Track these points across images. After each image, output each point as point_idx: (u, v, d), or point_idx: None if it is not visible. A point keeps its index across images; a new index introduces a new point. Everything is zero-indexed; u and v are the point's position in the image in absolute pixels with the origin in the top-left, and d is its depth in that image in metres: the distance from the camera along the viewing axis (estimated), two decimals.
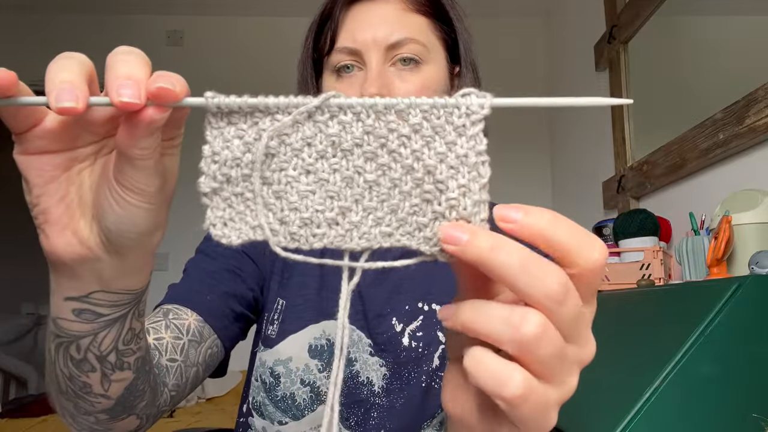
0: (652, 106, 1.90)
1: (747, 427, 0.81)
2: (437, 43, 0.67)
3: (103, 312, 0.36)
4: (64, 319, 0.36)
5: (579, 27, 2.55)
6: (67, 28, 3.15)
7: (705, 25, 1.62)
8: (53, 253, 0.31)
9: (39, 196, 0.30)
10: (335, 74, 0.65)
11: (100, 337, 0.37)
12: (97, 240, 0.31)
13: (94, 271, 0.33)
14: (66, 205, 0.31)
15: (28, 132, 0.29)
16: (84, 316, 0.35)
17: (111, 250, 0.32)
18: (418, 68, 0.63)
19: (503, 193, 2.27)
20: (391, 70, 0.63)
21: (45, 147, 0.30)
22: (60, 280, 0.34)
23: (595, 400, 0.98)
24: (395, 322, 0.67)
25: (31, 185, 0.30)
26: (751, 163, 1.30)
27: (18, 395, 3.11)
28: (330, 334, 0.66)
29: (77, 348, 0.37)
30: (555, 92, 2.93)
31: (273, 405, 0.66)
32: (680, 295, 1.06)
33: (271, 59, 3.01)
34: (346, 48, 0.63)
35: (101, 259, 0.32)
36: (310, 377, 0.65)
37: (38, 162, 0.30)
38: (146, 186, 0.29)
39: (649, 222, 1.50)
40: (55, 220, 0.31)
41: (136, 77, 0.27)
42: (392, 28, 0.63)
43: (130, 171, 0.28)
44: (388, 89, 0.61)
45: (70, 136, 0.30)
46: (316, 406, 0.65)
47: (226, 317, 0.64)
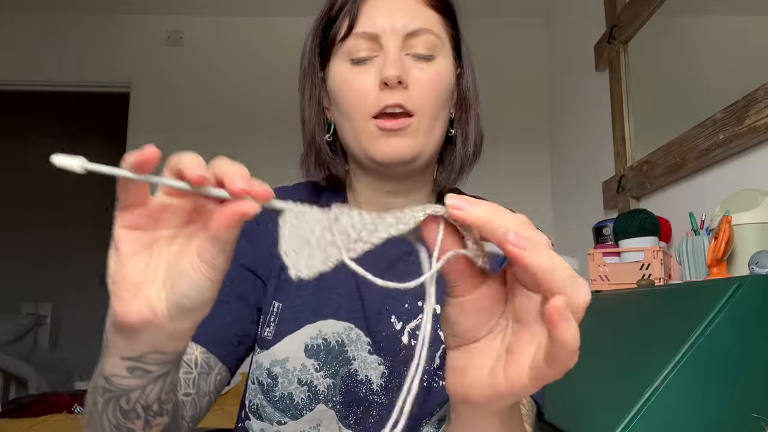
0: (652, 106, 1.90)
1: (747, 427, 0.81)
2: (448, 39, 0.68)
3: (152, 369, 0.41)
4: (118, 375, 0.41)
5: (579, 27, 2.55)
6: (67, 28, 3.15)
7: (705, 25, 1.62)
8: (125, 316, 0.35)
9: (123, 264, 0.35)
10: (349, 62, 0.65)
11: (147, 390, 0.42)
12: (163, 307, 0.35)
13: (153, 335, 0.37)
14: (143, 276, 0.35)
15: (133, 208, 0.35)
16: (136, 373, 0.40)
17: (173, 316, 0.36)
18: (432, 60, 0.64)
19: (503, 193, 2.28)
20: (407, 59, 0.64)
21: (142, 224, 0.36)
22: (119, 341, 0.38)
23: (595, 400, 0.98)
24: (394, 320, 0.67)
25: (120, 254, 0.35)
26: (751, 163, 1.30)
27: (18, 395, 3.11)
28: (326, 333, 0.66)
29: (127, 400, 0.43)
30: (555, 92, 2.94)
31: (271, 406, 0.66)
32: (680, 295, 1.06)
33: (271, 59, 3.01)
34: (364, 33, 0.64)
35: (162, 324, 0.36)
36: (307, 377, 0.65)
37: (132, 236, 0.35)
38: (219, 263, 0.35)
39: (649, 222, 1.50)
40: (131, 287, 0.35)
41: (246, 176, 0.34)
42: (411, 18, 0.64)
43: (213, 249, 0.34)
44: (406, 73, 0.62)
45: (163, 218, 0.36)
46: (314, 405, 0.65)
47: (230, 343, 0.65)
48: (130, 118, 3.11)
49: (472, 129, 0.70)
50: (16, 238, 4.83)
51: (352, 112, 0.64)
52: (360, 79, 0.63)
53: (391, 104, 0.61)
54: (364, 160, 0.66)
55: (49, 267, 4.84)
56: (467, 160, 0.70)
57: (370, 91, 0.62)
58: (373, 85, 0.62)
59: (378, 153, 0.63)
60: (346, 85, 0.64)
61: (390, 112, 0.62)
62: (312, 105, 0.70)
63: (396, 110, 0.61)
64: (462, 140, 0.69)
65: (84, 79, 3.13)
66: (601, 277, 1.53)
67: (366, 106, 0.62)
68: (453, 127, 0.69)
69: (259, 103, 3.05)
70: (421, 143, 0.63)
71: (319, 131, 0.69)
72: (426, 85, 0.63)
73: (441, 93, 0.64)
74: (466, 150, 0.69)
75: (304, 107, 0.71)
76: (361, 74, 0.64)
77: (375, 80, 0.62)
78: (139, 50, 3.15)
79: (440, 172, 0.71)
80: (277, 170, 2.16)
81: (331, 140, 0.70)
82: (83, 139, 5.03)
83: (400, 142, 0.62)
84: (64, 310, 4.75)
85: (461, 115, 0.70)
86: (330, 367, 0.65)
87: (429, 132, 0.64)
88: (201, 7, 3.11)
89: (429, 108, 0.63)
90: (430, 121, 0.63)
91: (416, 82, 0.62)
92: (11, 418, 2.16)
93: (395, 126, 0.62)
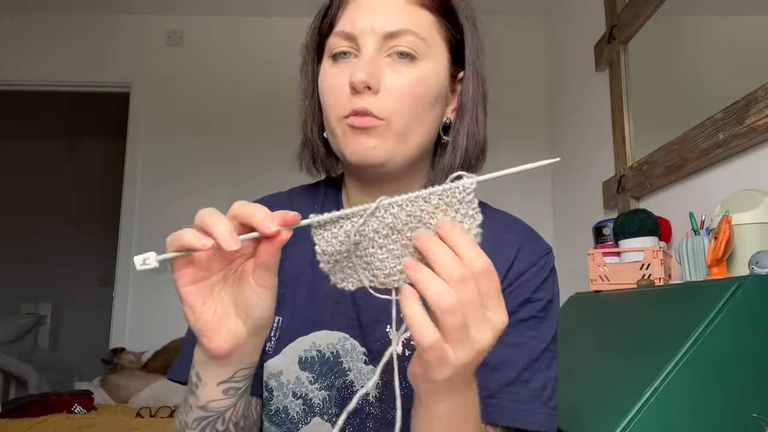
0: (652, 106, 1.90)
1: (747, 427, 0.81)
2: (440, 41, 0.64)
3: (240, 386, 0.50)
4: (215, 399, 0.50)
5: (579, 27, 2.55)
6: (67, 28, 3.15)
7: (705, 25, 1.62)
8: (217, 349, 0.45)
9: (198, 314, 0.44)
10: (331, 58, 0.63)
11: (237, 406, 0.52)
12: (242, 329, 0.45)
13: (239, 355, 0.47)
14: (218, 316, 0.45)
15: (186, 267, 0.43)
16: (230, 392, 0.49)
17: (252, 333, 0.46)
18: (414, 63, 0.61)
19: (503, 193, 2.27)
20: (385, 60, 0.61)
21: (198, 277, 0.44)
22: (214, 370, 0.48)
23: (595, 400, 0.98)
24: (389, 329, 0.65)
25: (192, 307, 0.44)
26: (751, 163, 1.30)
27: (18, 395, 3.11)
28: (320, 345, 0.64)
29: (222, 421, 0.52)
30: (555, 92, 2.94)
31: (268, 420, 0.65)
32: (680, 295, 1.06)
33: (271, 59, 3.01)
34: (343, 32, 0.62)
35: (247, 342, 0.46)
36: (301, 389, 0.64)
37: (194, 290, 0.44)
38: (273, 283, 0.45)
39: (649, 222, 1.50)
40: (213, 327, 0.44)
41: (271, 214, 0.41)
42: (392, 18, 0.61)
43: (266, 275, 0.43)
44: (376, 78, 0.59)
45: (212, 266, 0.44)
46: (309, 418, 0.64)
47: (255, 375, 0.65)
48: (130, 118, 3.11)
49: (462, 138, 0.66)
50: (17, 239, 4.83)
51: (328, 111, 0.63)
52: (336, 78, 0.62)
53: (359, 110, 0.59)
54: (343, 159, 0.65)
55: (49, 267, 4.84)
56: (453, 169, 0.65)
57: (342, 91, 0.61)
58: (346, 86, 0.60)
59: (348, 151, 0.61)
60: (325, 84, 0.63)
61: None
62: (305, 101, 0.69)
63: (364, 116, 0.59)
64: (451, 148, 0.66)
65: (84, 79, 3.13)
66: (601, 277, 1.53)
67: (338, 106, 0.61)
68: (448, 132, 0.67)
69: (259, 103, 3.05)
70: (390, 148, 0.60)
71: (314, 127, 0.68)
72: (400, 90, 0.60)
73: (420, 98, 0.61)
74: (454, 160, 0.66)
75: (301, 103, 0.70)
76: (337, 74, 0.62)
77: (347, 81, 0.60)
78: (139, 50, 3.15)
79: (429, 180, 0.68)
80: (278, 170, 2.16)
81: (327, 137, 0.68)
82: (83, 139, 5.04)
83: (367, 141, 0.60)
84: (64, 310, 4.74)
85: (454, 122, 0.67)
86: (325, 380, 0.64)
87: (402, 138, 0.61)
88: (201, 7, 3.11)
89: (402, 114, 0.60)
90: (403, 127, 0.60)
91: (389, 87, 0.60)
92: (11, 418, 2.16)
93: (361, 124, 0.59)
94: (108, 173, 4.56)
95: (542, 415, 0.60)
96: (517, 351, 0.61)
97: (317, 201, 0.73)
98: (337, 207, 0.70)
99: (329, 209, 0.70)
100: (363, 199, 0.68)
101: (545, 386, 0.61)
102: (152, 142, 3.08)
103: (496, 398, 0.59)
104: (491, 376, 0.59)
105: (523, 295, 0.64)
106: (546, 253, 0.67)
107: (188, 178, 3.04)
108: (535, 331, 0.63)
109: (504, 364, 0.60)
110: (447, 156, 0.66)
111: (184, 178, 3.04)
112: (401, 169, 0.64)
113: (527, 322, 0.63)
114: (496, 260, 0.65)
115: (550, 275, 0.66)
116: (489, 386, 0.59)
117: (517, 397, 0.60)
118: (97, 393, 2.53)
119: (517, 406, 0.59)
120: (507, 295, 0.64)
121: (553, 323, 0.65)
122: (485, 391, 0.58)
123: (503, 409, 0.59)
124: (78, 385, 2.76)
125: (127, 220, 3.01)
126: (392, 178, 0.65)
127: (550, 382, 0.62)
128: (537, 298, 0.64)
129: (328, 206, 0.72)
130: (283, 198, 0.75)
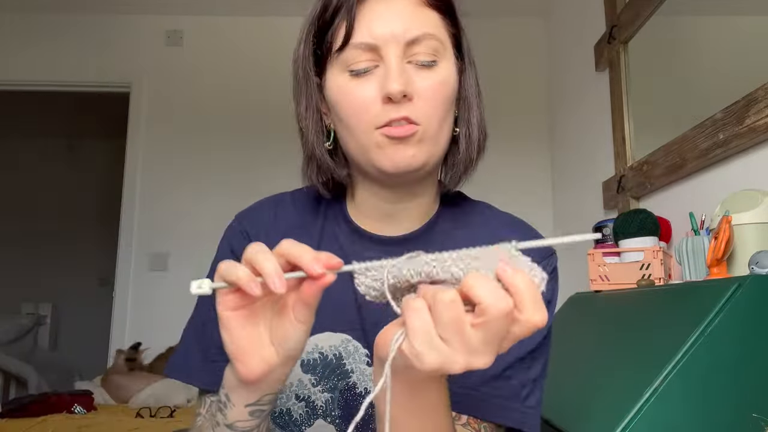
0: (652, 106, 1.90)
1: (747, 427, 0.81)
2: (448, 39, 0.65)
3: (265, 408, 0.52)
4: (242, 420, 0.52)
5: (579, 27, 2.55)
6: (68, 28, 3.15)
7: (705, 25, 1.62)
8: (249, 374, 0.47)
9: (235, 338, 0.46)
10: (348, 73, 0.61)
11: (261, 426, 0.54)
12: (275, 358, 0.47)
13: (269, 381, 0.49)
14: (253, 343, 0.46)
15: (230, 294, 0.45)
16: (255, 414, 0.52)
17: (283, 362, 0.48)
18: (436, 66, 0.61)
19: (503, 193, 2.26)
20: (409, 67, 0.60)
21: (240, 304, 0.45)
22: (243, 393, 0.50)
23: (595, 400, 0.98)
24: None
25: (231, 331, 0.46)
26: (751, 163, 1.30)
27: (18, 395, 3.11)
28: (323, 347, 0.65)
29: None
30: (555, 92, 2.94)
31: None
32: (680, 295, 1.06)
33: (271, 59, 3.01)
34: (363, 43, 0.60)
35: (276, 370, 0.48)
36: (304, 392, 0.64)
37: (235, 315, 0.45)
38: (311, 320, 0.46)
39: (649, 222, 1.50)
40: (247, 353, 0.46)
41: (318, 256, 0.43)
42: (410, 24, 0.60)
43: (306, 312, 0.45)
44: (410, 85, 0.59)
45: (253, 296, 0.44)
46: (313, 420, 0.64)
47: None
48: (130, 118, 3.11)
49: (475, 128, 0.67)
50: (17, 239, 4.83)
51: (355, 125, 0.61)
52: (361, 92, 0.60)
53: (397, 118, 0.58)
54: (370, 170, 0.63)
55: (49, 267, 4.84)
56: (470, 161, 0.67)
57: (373, 104, 0.59)
58: (376, 98, 0.59)
59: (386, 163, 0.60)
60: (347, 99, 0.61)
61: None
62: (309, 115, 0.66)
63: (402, 123, 0.59)
64: (465, 141, 0.66)
65: (84, 79, 3.13)
66: (601, 277, 1.53)
67: (369, 118, 0.59)
68: (458, 125, 0.67)
69: (259, 103, 3.05)
70: (428, 151, 0.61)
71: (318, 142, 0.66)
72: (430, 94, 0.60)
73: (446, 99, 0.62)
74: (470, 151, 0.67)
75: (300, 117, 0.67)
76: (361, 86, 0.60)
77: (377, 93, 0.59)
78: (139, 50, 3.15)
79: (445, 173, 0.69)
80: (278, 170, 2.16)
81: (331, 147, 0.67)
82: (83, 139, 5.04)
83: (407, 150, 0.59)
84: (64, 310, 4.75)
85: (464, 115, 0.67)
86: (328, 382, 0.64)
87: (435, 139, 0.62)
88: (201, 7, 3.11)
89: (435, 117, 0.61)
90: (437, 129, 0.61)
91: (420, 93, 0.60)
92: (11, 418, 2.16)
93: (402, 134, 0.59)
94: (108, 173, 4.56)
95: (518, 413, 0.61)
96: None
97: (319, 212, 0.72)
98: (343, 216, 0.70)
99: (333, 218, 0.70)
100: (377, 205, 0.67)
101: (525, 385, 0.62)
102: (152, 142, 3.08)
103: (476, 391, 0.61)
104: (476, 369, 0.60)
105: None
106: (548, 256, 0.67)
107: (188, 178, 3.04)
108: None
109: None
110: (462, 149, 0.67)
111: (184, 178, 3.04)
112: (432, 168, 0.65)
113: None
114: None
115: (550, 277, 0.67)
116: (471, 378, 0.60)
117: (498, 393, 0.61)
118: (97, 393, 2.53)
119: (495, 402, 0.61)
120: None
121: (548, 326, 0.65)
122: (467, 383, 0.60)
123: (482, 402, 0.60)
124: (78, 385, 2.76)
125: (127, 220, 3.01)
126: (418, 179, 0.65)
127: (530, 382, 0.63)
128: None
129: (331, 219, 0.71)
130: (286, 199, 0.74)
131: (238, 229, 0.71)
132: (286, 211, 0.72)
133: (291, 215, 0.71)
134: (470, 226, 0.70)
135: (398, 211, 0.68)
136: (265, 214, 0.72)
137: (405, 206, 0.67)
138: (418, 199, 0.68)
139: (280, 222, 0.71)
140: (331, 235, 0.69)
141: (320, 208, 0.72)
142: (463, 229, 0.70)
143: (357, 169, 0.67)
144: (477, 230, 0.69)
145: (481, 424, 0.61)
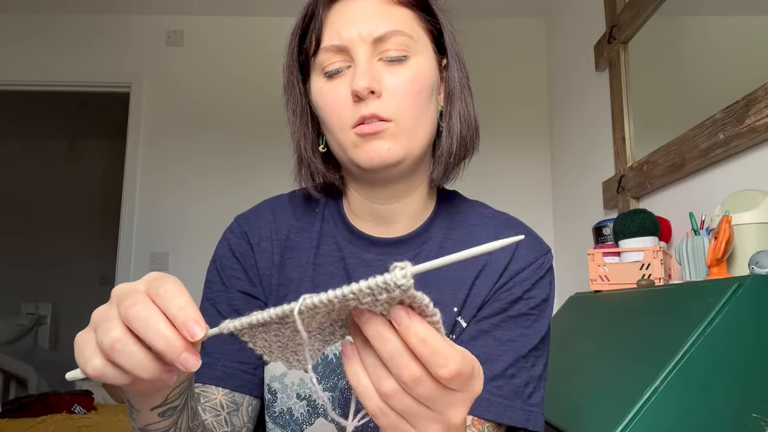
0: (652, 106, 1.90)
1: (747, 427, 0.81)
2: (423, 34, 0.65)
3: (176, 404, 0.48)
4: (153, 423, 0.48)
5: (579, 27, 2.55)
6: (68, 28, 3.15)
7: (705, 25, 1.62)
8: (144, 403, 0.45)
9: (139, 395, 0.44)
10: (324, 76, 0.64)
11: (179, 424, 0.49)
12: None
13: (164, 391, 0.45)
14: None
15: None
16: (167, 414, 0.48)
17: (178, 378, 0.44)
18: (407, 61, 0.62)
19: (503, 194, 2.26)
20: (379, 64, 0.62)
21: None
22: (143, 401, 0.46)
23: (595, 400, 0.98)
24: None
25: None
26: (751, 163, 1.30)
27: (18, 395, 3.11)
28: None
29: None
30: (555, 92, 2.94)
31: (272, 421, 0.66)
32: (680, 295, 1.06)
33: (270, 59, 3.01)
34: (332, 46, 0.62)
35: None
36: (305, 391, 0.65)
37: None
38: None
39: (649, 222, 1.50)
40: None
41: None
42: (377, 22, 0.62)
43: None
44: (379, 82, 0.60)
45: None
46: (314, 419, 0.65)
47: (244, 374, 0.66)
48: (130, 118, 3.11)
49: (456, 122, 0.67)
50: (17, 239, 4.83)
51: (333, 126, 0.63)
52: (335, 92, 0.62)
53: (366, 115, 0.60)
54: (353, 168, 0.65)
55: (49, 267, 4.85)
56: (452, 154, 0.67)
57: (345, 103, 0.61)
58: (347, 97, 0.61)
59: (361, 158, 0.62)
60: (324, 100, 0.63)
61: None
62: (295, 121, 0.69)
63: (372, 120, 0.60)
64: (446, 134, 0.67)
65: (84, 79, 3.13)
66: (601, 277, 1.53)
67: (343, 118, 0.62)
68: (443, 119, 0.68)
69: (259, 103, 3.05)
70: (405, 144, 0.62)
71: (306, 146, 0.68)
72: (402, 89, 0.61)
73: (420, 93, 0.62)
74: (451, 145, 0.67)
75: (289, 121, 0.70)
76: (335, 87, 0.62)
77: (348, 92, 0.61)
78: (139, 50, 3.15)
79: (433, 168, 0.69)
80: (277, 170, 2.16)
81: (326, 150, 0.69)
82: (83, 139, 5.04)
83: (380, 144, 0.61)
84: (64, 310, 4.75)
85: (446, 108, 0.68)
86: (328, 381, 0.65)
87: (411, 134, 0.62)
88: (201, 7, 3.11)
89: (407, 112, 0.61)
90: (411, 124, 0.62)
91: (389, 89, 0.61)
92: (11, 418, 2.16)
93: (372, 129, 0.60)
94: (108, 173, 4.57)
95: (522, 412, 0.61)
96: (505, 347, 0.63)
97: (317, 211, 0.73)
98: (340, 217, 0.71)
99: (331, 220, 0.71)
100: (366, 207, 0.69)
101: (528, 383, 0.63)
102: (152, 142, 3.08)
103: None
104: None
105: (516, 293, 0.65)
106: (543, 254, 0.68)
107: (188, 178, 3.04)
108: (526, 329, 0.64)
109: (492, 359, 0.62)
110: (444, 142, 0.67)
111: (184, 178, 3.04)
112: (413, 164, 0.65)
113: (518, 319, 0.64)
114: (494, 261, 0.66)
115: (546, 275, 0.67)
116: None
117: (500, 392, 0.61)
118: (97, 393, 2.53)
119: (498, 401, 0.61)
120: (501, 293, 0.65)
121: (546, 323, 0.66)
122: None
123: (485, 401, 0.61)
124: (78, 385, 2.76)
125: (127, 220, 3.01)
126: (401, 175, 0.65)
127: (533, 380, 0.63)
128: (530, 296, 0.65)
129: (329, 217, 0.72)
130: (284, 200, 0.75)
131: (237, 231, 0.71)
132: (285, 213, 0.73)
133: (290, 217, 0.72)
134: (466, 225, 0.71)
135: (388, 213, 0.68)
136: (264, 216, 0.72)
137: (393, 207, 0.68)
138: (406, 199, 0.68)
139: (279, 224, 0.71)
140: (329, 237, 0.70)
141: (318, 210, 0.73)
142: (459, 229, 0.70)
143: (345, 171, 0.69)
144: (473, 230, 0.70)
145: (483, 424, 0.61)
